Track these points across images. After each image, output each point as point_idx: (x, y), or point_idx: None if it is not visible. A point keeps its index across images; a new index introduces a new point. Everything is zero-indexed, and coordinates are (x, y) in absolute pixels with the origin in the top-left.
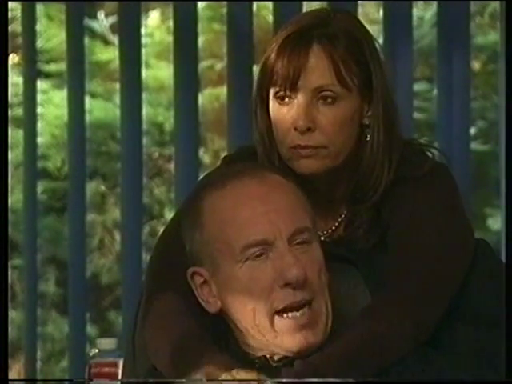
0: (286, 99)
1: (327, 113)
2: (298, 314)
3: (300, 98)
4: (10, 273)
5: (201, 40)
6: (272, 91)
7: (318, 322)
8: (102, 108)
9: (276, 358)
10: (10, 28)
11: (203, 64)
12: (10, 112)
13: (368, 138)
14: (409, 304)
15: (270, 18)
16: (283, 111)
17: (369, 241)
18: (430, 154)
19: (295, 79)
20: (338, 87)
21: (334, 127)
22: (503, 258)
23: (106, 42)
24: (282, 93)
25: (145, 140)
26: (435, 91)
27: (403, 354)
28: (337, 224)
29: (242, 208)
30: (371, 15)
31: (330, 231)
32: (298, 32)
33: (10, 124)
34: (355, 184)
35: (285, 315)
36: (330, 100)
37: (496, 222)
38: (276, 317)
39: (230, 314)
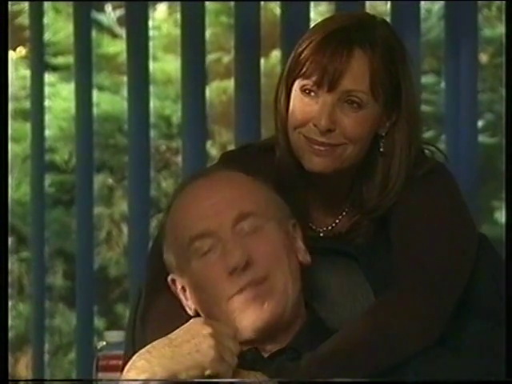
0: (313, 94)
1: (350, 116)
2: (245, 291)
3: (328, 97)
4: (17, 266)
5: (208, 33)
6: (299, 83)
7: (275, 292)
8: (110, 101)
9: (267, 348)
10: (17, 21)
11: (210, 57)
12: (17, 105)
13: (382, 149)
14: (419, 299)
15: (278, 11)
16: (306, 103)
17: (370, 239)
18: (428, 153)
19: (335, 80)
20: (368, 95)
21: (354, 130)
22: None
23: (114, 35)
24: (311, 87)
25: (152, 133)
26: (443, 84)
27: (414, 350)
28: (337, 221)
29: (189, 207)
30: (379, 7)
31: (329, 228)
32: (340, 31)
33: (17, 117)
34: (362, 187)
35: (234, 297)
36: (355, 105)
37: (503, 215)
38: (228, 303)
39: (203, 315)
